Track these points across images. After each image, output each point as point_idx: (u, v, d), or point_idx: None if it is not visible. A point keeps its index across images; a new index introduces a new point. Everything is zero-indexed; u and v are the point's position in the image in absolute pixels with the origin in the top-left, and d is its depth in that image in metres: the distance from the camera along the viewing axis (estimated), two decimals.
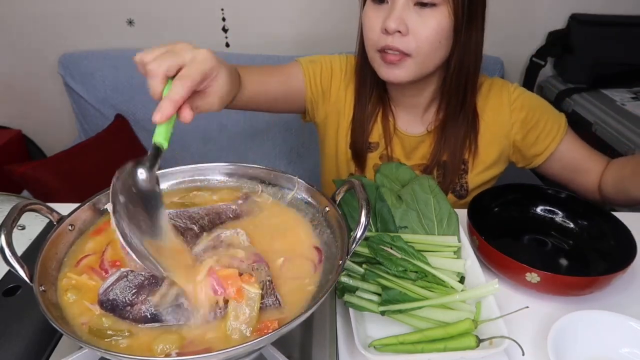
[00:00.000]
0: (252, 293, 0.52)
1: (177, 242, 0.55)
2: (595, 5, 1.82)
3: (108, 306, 0.51)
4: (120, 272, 0.53)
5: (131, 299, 0.51)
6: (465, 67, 0.91)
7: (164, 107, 0.53)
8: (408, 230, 0.73)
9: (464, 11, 0.83)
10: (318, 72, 1.04)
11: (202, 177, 0.72)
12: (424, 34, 0.83)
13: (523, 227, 0.87)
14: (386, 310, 0.61)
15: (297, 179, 0.68)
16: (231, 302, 0.51)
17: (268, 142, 1.85)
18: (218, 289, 0.52)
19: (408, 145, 1.04)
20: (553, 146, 0.99)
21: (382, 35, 0.86)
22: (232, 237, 0.60)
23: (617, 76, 1.83)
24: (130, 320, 0.51)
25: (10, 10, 1.77)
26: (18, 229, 0.70)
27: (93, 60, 1.77)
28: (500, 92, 1.01)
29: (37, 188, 1.49)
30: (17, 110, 1.95)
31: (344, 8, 1.78)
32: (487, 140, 1.01)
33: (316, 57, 1.06)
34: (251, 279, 0.53)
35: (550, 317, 0.67)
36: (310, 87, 1.04)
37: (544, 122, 0.99)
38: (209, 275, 0.52)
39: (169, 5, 1.78)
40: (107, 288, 0.52)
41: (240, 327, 0.50)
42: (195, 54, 0.58)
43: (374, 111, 1.03)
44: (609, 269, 0.72)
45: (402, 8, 0.83)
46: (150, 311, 0.51)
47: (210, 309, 0.51)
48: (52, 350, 0.59)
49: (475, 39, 0.89)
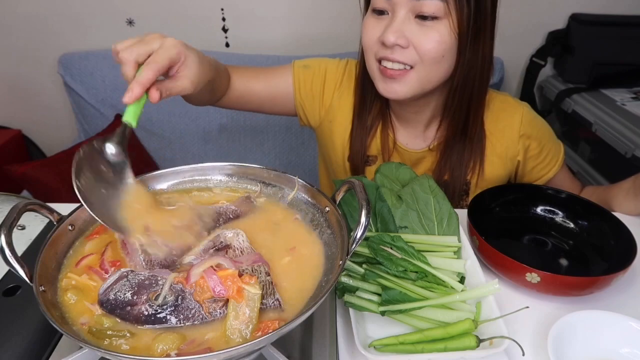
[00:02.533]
0: (252, 293, 0.52)
1: (145, 194, 0.62)
2: (595, 5, 1.82)
3: (108, 306, 0.51)
4: (121, 272, 0.54)
5: (131, 298, 0.51)
6: (469, 83, 0.86)
7: (133, 88, 0.58)
8: (408, 230, 0.73)
9: (469, 24, 0.78)
10: (309, 78, 1.00)
11: (202, 177, 0.72)
12: (425, 47, 0.79)
13: (523, 227, 0.87)
14: (386, 311, 0.61)
15: (297, 179, 0.68)
16: (231, 302, 0.51)
17: (268, 142, 1.85)
18: (218, 289, 0.52)
19: (408, 160, 1.01)
20: (548, 177, 1.02)
21: (382, 48, 0.82)
22: (232, 237, 0.60)
23: (617, 76, 1.83)
24: (130, 320, 0.51)
25: (10, 10, 1.77)
26: (18, 229, 0.70)
27: (93, 60, 1.77)
28: (512, 114, 0.98)
29: (37, 188, 1.49)
30: (17, 110, 1.95)
31: (345, 9, 1.78)
32: (494, 163, 0.98)
33: (312, 61, 1.03)
34: (252, 280, 0.53)
35: (550, 317, 0.67)
36: (300, 93, 1.01)
37: (545, 154, 1.00)
38: (208, 275, 0.52)
39: (169, 5, 1.78)
40: (107, 288, 0.52)
41: (240, 327, 0.50)
42: (162, 42, 0.64)
43: (373, 124, 0.99)
44: (609, 269, 0.72)
45: (402, 20, 0.79)
46: (150, 311, 0.51)
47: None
48: (52, 350, 0.59)
49: (483, 54, 0.84)
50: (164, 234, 0.58)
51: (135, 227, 0.57)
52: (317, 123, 1.05)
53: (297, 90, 1.01)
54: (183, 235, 0.59)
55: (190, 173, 0.71)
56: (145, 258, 0.56)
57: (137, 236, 0.56)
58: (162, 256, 0.57)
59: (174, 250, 0.58)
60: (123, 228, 0.56)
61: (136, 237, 0.56)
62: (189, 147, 1.84)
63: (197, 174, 0.72)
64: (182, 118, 1.80)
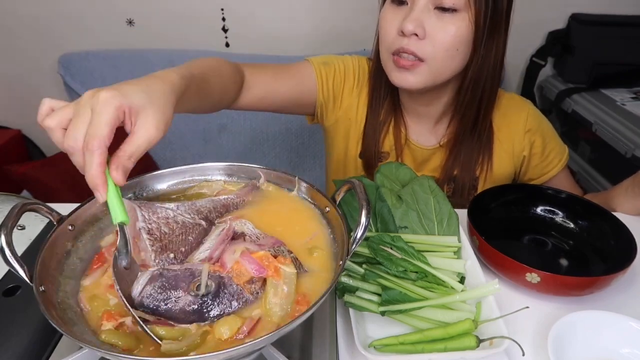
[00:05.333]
0: (288, 272, 0.54)
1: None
2: (595, 5, 1.82)
3: (150, 305, 0.51)
4: (151, 272, 0.53)
5: (173, 293, 0.51)
6: (482, 80, 0.88)
7: (93, 186, 0.47)
8: (408, 230, 0.73)
9: (486, 20, 0.80)
10: (331, 75, 0.99)
11: (202, 177, 0.72)
12: (442, 39, 0.80)
13: (523, 227, 0.87)
14: (386, 311, 0.61)
15: (297, 179, 0.68)
16: (269, 280, 0.54)
17: (268, 142, 1.85)
18: (258, 270, 0.54)
19: (419, 156, 1.02)
20: (549, 175, 1.03)
21: (398, 38, 0.83)
22: (241, 226, 0.61)
23: (617, 76, 1.83)
24: (176, 316, 0.51)
25: (10, 10, 1.77)
26: (18, 229, 0.70)
27: (93, 60, 1.77)
28: (519, 111, 1.00)
29: (37, 188, 1.49)
30: (17, 110, 1.95)
31: (345, 8, 1.78)
32: (502, 159, 1.00)
33: (329, 58, 1.01)
34: (286, 260, 0.55)
35: (550, 317, 0.67)
36: (322, 92, 0.99)
37: (548, 151, 1.01)
38: (244, 258, 0.54)
39: (169, 5, 1.78)
40: (141, 290, 0.52)
41: (281, 303, 0.52)
42: (93, 106, 0.48)
43: (386, 120, 1.00)
44: (609, 269, 0.72)
45: (421, 10, 0.80)
46: (196, 302, 0.51)
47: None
48: (52, 350, 0.59)
49: (496, 53, 0.85)
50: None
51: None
52: (332, 121, 1.04)
53: (321, 89, 0.99)
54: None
55: (190, 173, 0.71)
56: (154, 245, 0.56)
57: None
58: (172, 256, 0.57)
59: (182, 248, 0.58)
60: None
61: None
62: (189, 147, 1.84)
63: (197, 174, 0.72)
64: (182, 118, 1.80)
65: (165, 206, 0.61)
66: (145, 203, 0.60)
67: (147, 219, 0.57)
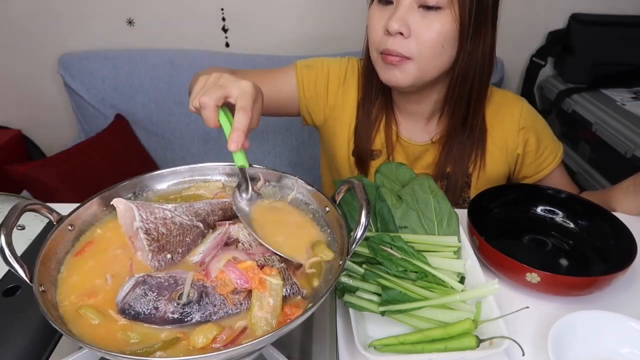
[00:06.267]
0: (274, 284, 0.53)
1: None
2: (595, 5, 1.82)
3: (131, 313, 0.51)
4: (136, 278, 0.53)
5: (155, 301, 0.51)
6: (470, 75, 0.88)
7: (236, 137, 0.61)
8: (408, 230, 0.73)
9: (470, 17, 0.81)
10: (313, 77, 1.02)
11: (202, 177, 0.72)
12: (426, 37, 0.82)
13: (523, 227, 0.87)
14: (386, 311, 0.61)
15: (297, 179, 0.68)
16: (255, 293, 0.52)
17: (268, 142, 1.85)
18: (241, 281, 0.53)
19: (411, 153, 1.02)
20: (544, 173, 1.02)
21: (384, 37, 0.84)
22: (238, 231, 0.61)
23: (617, 76, 1.83)
24: (157, 323, 0.50)
25: (10, 10, 1.77)
26: (18, 229, 0.70)
27: (93, 60, 1.77)
28: (512, 108, 1.00)
29: (37, 188, 1.49)
30: (17, 110, 1.95)
31: (345, 8, 1.78)
32: (495, 157, 1.00)
33: (314, 60, 1.04)
34: (272, 271, 0.54)
35: (550, 317, 0.67)
36: (304, 93, 1.02)
37: (543, 149, 1.01)
38: (229, 268, 0.53)
39: (169, 5, 1.78)
40: (125, 296, 0.51)
41: (266, 317, 0.51)
42: (241, 86, 0.64)
43: (377, 117, 1.01)
44: (609, 269, 0.72)
45: (406, 9, 0.81)
46: (177, 311, 0.50)
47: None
48: (52, 350, 0.59)
49: (483, 48, 0.86)
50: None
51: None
52: (321, 121, 1.06)
53: (302, 90, 1.02)
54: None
55: (189, 173, 0.72)
56: (151, 244, 0.56)
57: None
58: (169, 256, 0.57)
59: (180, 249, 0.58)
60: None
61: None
62: (189, 147, 1.84)
63: (196, 174, 0.72)
64: (182, 118, 1.80)
65: (163, 207, 0.60)
66: (143, 203, 0.60)
67: (144, 219, 0.57)
